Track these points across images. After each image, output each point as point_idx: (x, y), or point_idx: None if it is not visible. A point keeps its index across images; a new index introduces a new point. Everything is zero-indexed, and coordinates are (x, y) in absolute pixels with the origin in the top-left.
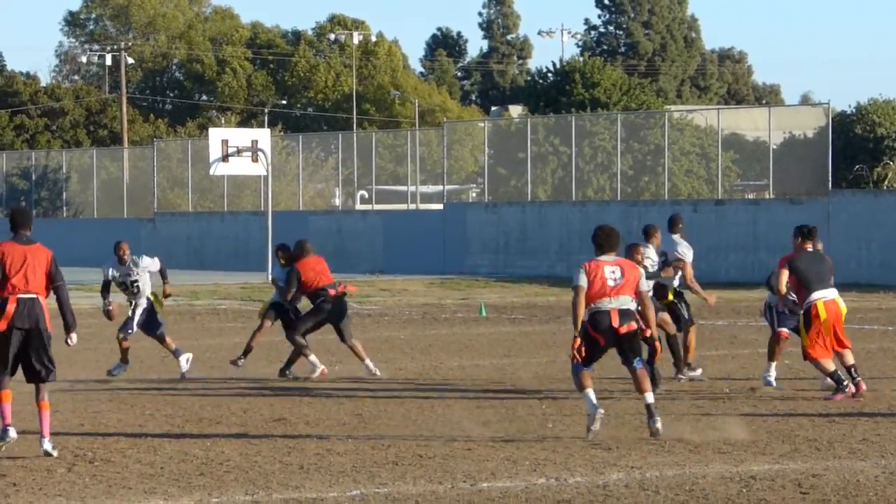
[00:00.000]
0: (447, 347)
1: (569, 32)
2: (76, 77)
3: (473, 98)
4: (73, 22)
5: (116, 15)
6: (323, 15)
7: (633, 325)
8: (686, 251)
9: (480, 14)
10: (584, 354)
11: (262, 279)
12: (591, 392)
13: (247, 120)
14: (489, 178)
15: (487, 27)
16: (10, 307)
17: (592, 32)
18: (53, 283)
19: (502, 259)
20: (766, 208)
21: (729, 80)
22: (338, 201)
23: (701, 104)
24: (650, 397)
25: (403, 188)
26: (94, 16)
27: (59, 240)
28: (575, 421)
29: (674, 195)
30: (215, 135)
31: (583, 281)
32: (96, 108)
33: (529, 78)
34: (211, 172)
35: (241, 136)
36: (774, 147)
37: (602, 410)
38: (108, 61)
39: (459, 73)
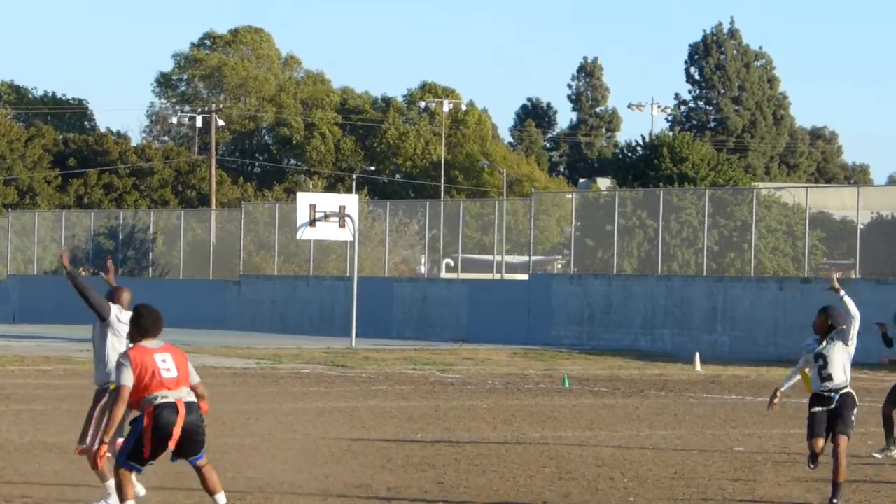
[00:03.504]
0: (529, 418)
1: (658, 106)
2: (166, 137)
3: (561, 169)
4: (164, 83)
5: (208, 76)
6: (414, 82)
7: (200, 420)
8: None
9: (569, 86)
10: (140, 451)
11: (346, 344)
12: None
13: (333, 185)
14: (575, 249)
15: (576, 99)
16: None
17: (682, 107)
18: None
19: (586, 331)
20: (853, 288)
21: (818, 159)
22: (423, 269)
23: (789, 182)
24: (223, 498)
25: (489, 257)
26: (185, 77)
27: (144, 299)
28: (657, 495)
29: (759, 272)
30: (303, 199)
31: (128, 379)
32: (185, 168)
33: (618, 151)
34: (298, 237)
35: (328, 201)
36: (862, 227)
37: None
38: (199, 123)
39: (548, 144)
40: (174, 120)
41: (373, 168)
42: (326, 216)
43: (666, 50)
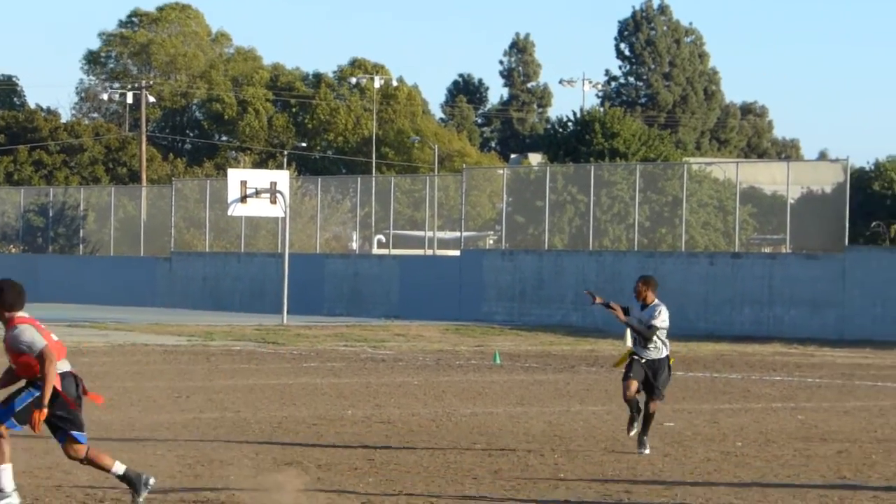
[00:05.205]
0: (461, 394)
1: (589, 82)
2: (96, 114)
3: (493, 145)
4: (93, 60)
5: (137, 53)
6: (344, 58)
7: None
8: None
9: (501, 62)
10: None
11: (277, 321)
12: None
13: (265, 161)
14: (507, 225)
15: (508, 75)
16: None
17: (613, 83)
18: None
19: (518, 307)
20: (783, 263)
21: (749, 134)
22: (355, 245)
23: (720, 157)
24: (121, 467)
25: (421, 233)
26: (114, 54)
27: (75, 277)
28: (587, 471)
29: (690, 247)
30: (234, 175)
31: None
32: (115, 145)
33: (549, 126)
34: (229, 213)
35: (259, 178)
36: (792, 202)
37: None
38: (129, 99)
39: (479, 120)
40: (104, 96)
41: (304, 144)
42: (258, 192)
43: (597, 26)
